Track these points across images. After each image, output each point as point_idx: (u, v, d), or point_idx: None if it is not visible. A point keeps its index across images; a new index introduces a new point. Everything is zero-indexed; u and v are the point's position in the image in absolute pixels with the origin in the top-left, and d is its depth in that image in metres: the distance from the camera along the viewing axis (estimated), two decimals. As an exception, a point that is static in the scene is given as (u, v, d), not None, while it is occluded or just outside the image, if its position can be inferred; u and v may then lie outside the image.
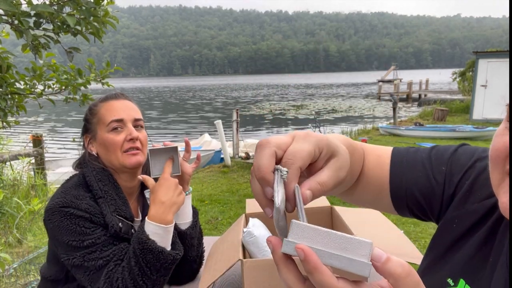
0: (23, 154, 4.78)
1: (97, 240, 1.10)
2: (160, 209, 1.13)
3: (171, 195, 1.15)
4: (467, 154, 0.65)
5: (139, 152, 1.22)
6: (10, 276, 2.99)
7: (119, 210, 1.17)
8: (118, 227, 1.13)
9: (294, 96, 37.43)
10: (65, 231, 1.09)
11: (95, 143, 1.24)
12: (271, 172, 0.41)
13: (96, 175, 1.19)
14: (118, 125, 1.20)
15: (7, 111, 2.55)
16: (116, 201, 1.17)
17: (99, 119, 1.22)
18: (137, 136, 1.20)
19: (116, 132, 1.19)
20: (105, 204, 1.15)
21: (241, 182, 6.27)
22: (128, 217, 1.19)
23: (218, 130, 7.62)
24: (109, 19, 2.36)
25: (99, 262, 1.08)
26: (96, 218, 1.12)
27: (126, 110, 1.23)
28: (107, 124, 1.19)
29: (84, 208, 1.11)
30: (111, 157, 1.20)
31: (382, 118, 18.23)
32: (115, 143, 1.18)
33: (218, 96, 41.38)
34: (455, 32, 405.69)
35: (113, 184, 1.20)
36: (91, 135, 1.25)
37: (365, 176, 0.71)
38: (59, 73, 2.74)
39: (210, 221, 4.53)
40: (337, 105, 26.33)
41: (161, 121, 21.64)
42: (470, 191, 0.62)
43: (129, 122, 1.22)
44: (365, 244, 0.33)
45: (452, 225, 0.62)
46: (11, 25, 2.11)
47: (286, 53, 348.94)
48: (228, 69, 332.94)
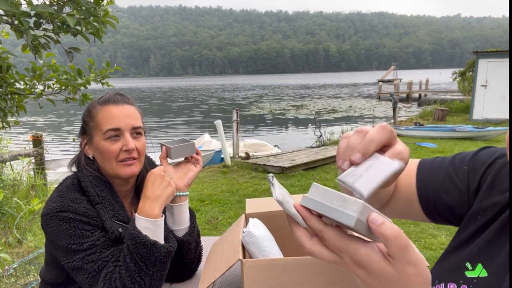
0: (23, 154, 4.78)
1: (96, 242, 1.09)
2: (146, 204, 1.13)
3: (155, 188, 1.14)
4: (488, 153, 0.69)
5: (135, 162, 1.19)
6: (10, 276, 2.99)
7: (118, 215, 1.16)
8: (118, 232, 1.13)
9: (294, 96, 37.42)
10: (64, 235, 1.08)
11: (92, 147, 1.21)
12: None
13: (92, 181, 1.17)
14: (114, 134, 1.16)
15: (7, 111, 2.55)
16: (114, 206, 1.16)
17: (96, 124, 1.18)
18: (133, 148, 1.17)
19: (112, 141, 1.16)
20: (104, 210, 1.14)
21: (241, 182, 6.27)
22: (126, 220, 1.18)
23: (218, 130, 7.62)
24: (109, 19, 2.36)
25: (98, 264, 1.08)
26: (94, 221, 1.12)
27: (124, 118, 1.17)
28: (103, 132, 1.15)
29: (82, 211, 1.10)
30: (106, 165, 1.18)
31: (382, 118, 18.23)
32: (110, 152, 1.15)
33: (213, 97, 41.37)
34: (455, 32, 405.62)
35: (109, 189, 1.19)
36: (88, 138, 1.21)
37: (397, 187, 0.76)
38: (59, 73, 2.74)
39: (210, 221, 4.53)
40: (337, 105, 26.32)
41: (160, 122, 21.64)
42: (493, 184, 0.65)
43: (127, 131, 1.17)
44: (357, 203, 0.42)
45: (477, 216, 0.64)
46: (11, 25, 2.11)
47: (286, 53, 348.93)
48: (228, 69, 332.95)
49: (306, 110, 23.73)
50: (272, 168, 6.89)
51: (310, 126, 11.77)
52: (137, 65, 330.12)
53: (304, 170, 6.98)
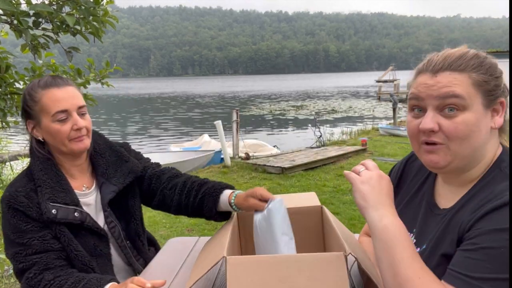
0: (23, 154, 4.78)
1: (28, 242, 1.16)
2: None
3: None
4: (399, 162, 1.14)
5: (85, 137, 1.27)
6: (10, 276, 2.99)
7: (55, 197, 1.20)
8: (51, 214, 1.17)
9: (293, 97, 37.40)
10: (6, 223, 1.18)
11: (41, 130, 1.25)
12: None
13: (39, 165, 1.24)
14: (63, 115, 1.22)
15: (6, 111, 2.55)
16: (53, 189, 1.21)
17: (42, 108, 1.22)
18: (83, 126, 1.24)
19: (61, 122, 1.22)
20: (41, 193, 1.19)
21: (241, 183, 6.27)
22: (68, 202, 1.22)
23: (218, 130, 7.62)
24: (108, 18, 2.36)
25: (23, 265, 1.15)
26: (30, 212, 1.17)
27: (70, 99, 1.23)
28: (51, 114, 1.21)
29: (19, 201, 1.17)
30: (59, 144, 1.25)
31: (382, 119, 18.23)
32: (61, 133, 1.22)
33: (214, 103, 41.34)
34: (455, 32, 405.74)
35: (55, 173, 1.25)
36: (34, 121, 1.26)
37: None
38: (58, 73, 2.73)
39: (210, 221, 4.53)
40: (337, 106, 26.34)
41: (161, 124, 21.63)
42: (403, 176, 1.10)
43: (74, 111, 1.23)
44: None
45: (402, 201, 1.06)
46: (10, 24, 2.11)
47: (286, 54, 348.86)
48: (228, 70, 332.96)
49: (306, 111, 23.75)
50: (272, 169, 6.88)
51: (309, 127, 11.77)
52: (137, 65, 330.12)
53: (304, 170, 6.97)
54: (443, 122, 0.78)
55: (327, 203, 5.02)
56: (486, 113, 0.80)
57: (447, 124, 0.78)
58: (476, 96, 0.79)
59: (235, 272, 0.79)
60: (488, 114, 0.81)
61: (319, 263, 0.78)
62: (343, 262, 0.78)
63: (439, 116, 0.79)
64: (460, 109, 0.78)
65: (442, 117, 0.79)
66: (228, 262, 0.80)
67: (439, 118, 0.79)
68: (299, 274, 0.77)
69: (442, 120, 0.78)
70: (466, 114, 0.77)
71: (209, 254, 1.03)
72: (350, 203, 4.97)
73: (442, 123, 0.78)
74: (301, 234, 1.22)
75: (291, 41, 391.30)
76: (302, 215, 1.23)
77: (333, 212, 4.70)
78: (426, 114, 0.80)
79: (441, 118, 0.79)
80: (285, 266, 0.78)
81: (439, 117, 0.79)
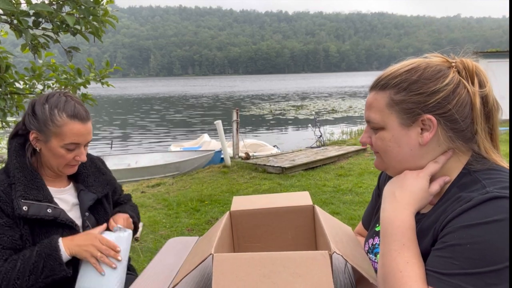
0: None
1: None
2: (71, 243, 1.25)
3: (82, 239, 1.28)
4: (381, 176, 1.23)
5: (78, 164, 1.38)
6: None
7: (27, 194, 1.24)
8: (21, 210, 1.21)
9: (293, 97, 37.40)
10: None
11: (44, 145, 1.30)
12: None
13: (16, 163, 1.28)
14: (73, 146, 1.30)
15: (6, 111, 2.55)
16: (26, 186, 1.25)
17: (60, 133, 1.27)
18: (84, 160, 1.36)
19: (68, 150, 1.30)
20: (14, 190, 1.24)
21: (241, 183, 6.27)
22: (41, 199, 1.26)
23: (218, 130, 7.62)
24: (108, 18, 2.36)
25: None
26: (5, 207, 1.22)
27: (86, 135, 1.32)
28: (65, 142, 1.28)
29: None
30: (53, 164, 1.32)
31: (382, 119, 18.19)
32: (64, 159, 1.31)
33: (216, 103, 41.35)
34: (455, 32, 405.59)
35: (30, 172, 1.29)
36: (42, 136, 1.28)
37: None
38: (58, 73, 2.73)
39: (210, 221, 4.53)
40: (337, 105, 26.34)
41: (161, 123, 21.63)
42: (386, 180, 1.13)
43: (83, 145, 1.33)
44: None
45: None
46: (10, 24, 2.11)
47: (286, 53, 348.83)
48: (228, 69, 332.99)
49: (306, 110, 23.75)
50: (272, 168, 6.88)
51: (310, 127, 11.77)
52: (137, 65, 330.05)
53: (304, 170, 6.97)
54: (372, 137, 0.93)
55: (327, 203, 5.01)
56: (408, 130, 0.86)
57: (373, 139, 0.93)
58: (390, 116, 0.87)
59: (221, 267, 0.82)
60: (411, 131, 0.86)
61: (304, 261, 0.81)
62: (328, 260, 0.81)
63: (372, 131, 0.93)
64: (378, 128, 0.90)
65: (373, 133, 0.93)
66: (215, 258, 0.84)
67: (372, 133, 0.93)
68: (283, 270, 0.80)
69: (372, 135, 0.93)
70: (383, 132, 0.89)
71: (198, 251, 1.06)
72: (350, 203, 4.97)
73: (372, 137, 0.94)
74: (294, 233, 1.24)
75: (291, 41, 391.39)
76: (294, 214, 1.24)
77: (333, 212, 4.71)
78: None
79: (372, 134, 0.93)
80: (270, 262, 0.82)
81: (372, 133, 0.93)
